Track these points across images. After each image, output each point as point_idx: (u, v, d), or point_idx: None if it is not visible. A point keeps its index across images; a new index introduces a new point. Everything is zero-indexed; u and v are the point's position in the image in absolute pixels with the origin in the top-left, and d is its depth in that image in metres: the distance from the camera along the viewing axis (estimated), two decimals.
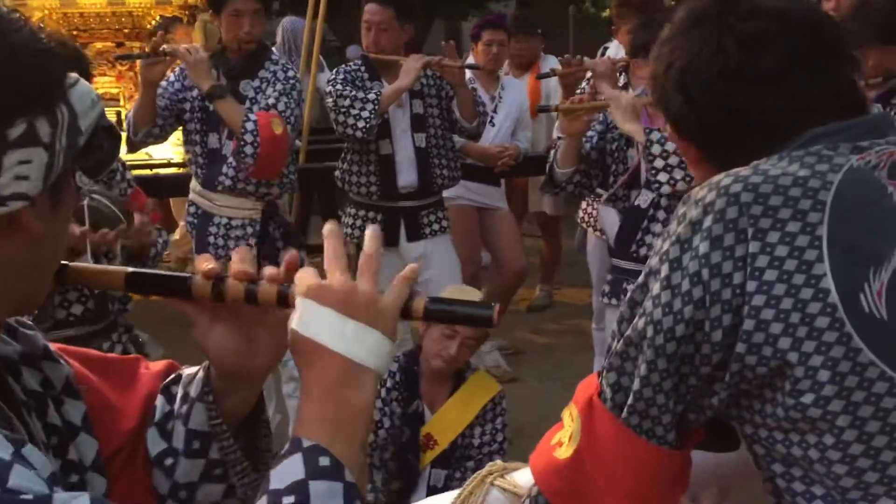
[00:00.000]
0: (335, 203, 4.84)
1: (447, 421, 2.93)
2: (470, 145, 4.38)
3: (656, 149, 2.74)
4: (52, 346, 0.95)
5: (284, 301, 0.88)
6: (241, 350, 0.93)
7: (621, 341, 1.12)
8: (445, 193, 4.03)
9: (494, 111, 4.54)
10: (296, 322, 0.82)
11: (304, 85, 4.07)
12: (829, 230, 1.02)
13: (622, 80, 3.63)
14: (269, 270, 0.90)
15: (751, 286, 1.03)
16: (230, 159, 3.36)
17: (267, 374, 0.98)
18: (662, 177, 2.73)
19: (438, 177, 3.81)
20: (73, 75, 0.80)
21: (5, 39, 0.75)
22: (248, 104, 3.33)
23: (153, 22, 5.65)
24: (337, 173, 3.87)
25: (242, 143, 3.21)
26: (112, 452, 0.96)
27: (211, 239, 3.49)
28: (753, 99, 1.14)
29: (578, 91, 3.79)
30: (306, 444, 0.76)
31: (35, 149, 0.74)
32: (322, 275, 0.85)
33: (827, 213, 1.03)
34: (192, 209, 3.54)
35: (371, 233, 0.87)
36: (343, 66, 3.88)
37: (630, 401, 1.11)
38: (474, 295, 2.93)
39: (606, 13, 5.98)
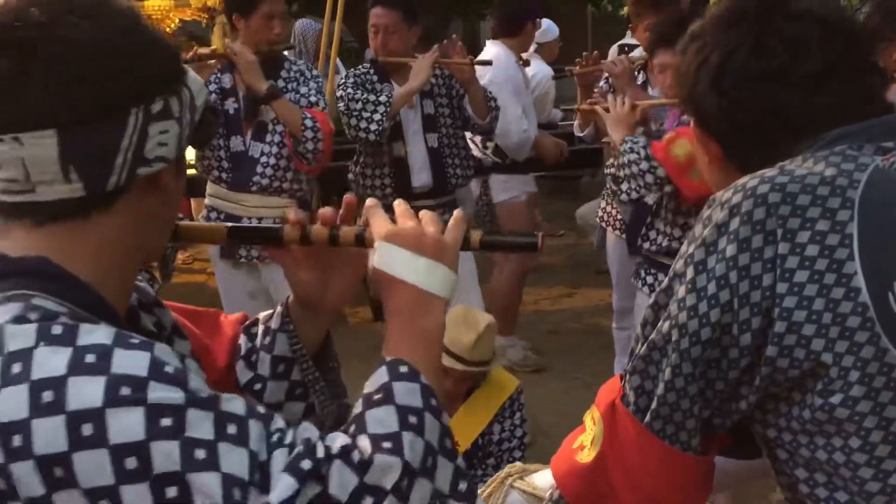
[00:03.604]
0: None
1: (467, 422, 2.93)
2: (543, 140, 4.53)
3: (623, 158, 2.86)
4: None
5: (361, 241, 1.05)
6: (320, 286, 1.13)
7: (645, 345, 1.11)
8: (508, 195, 4.22)
9: None
10: (376, 261, 1.00)
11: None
12: (859, 228, 1.01)
13: (640, 79, 3.61)
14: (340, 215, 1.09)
15: (781, 288, 1.02)
16: (263, 159, 3.38)
17: (338, 307, 1.18)
18: (623, 185, 2.92)
19: (452, 176, 3.82)
20: (185, 64, 0.98)
21: (144, 34, 0.93)
22: None
23: (172, 25, 5.66)
24: (350, 176, 3.87)
25: (304, 139, 3.26)
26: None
27: None
28: (791, 99, 1.12)
29: (595, 90, 3.78)
30: (388, 358, 0.94)
31: (170, 121, 0.92)
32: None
33: (856, 210, 1.02)
34: (213, 214, 3.51)
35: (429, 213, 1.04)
36: (352, 69, 3.90)
37: (654, 405, 1.10)
38: (481, 318, 2.90)
39: (624, 11, 5.92)
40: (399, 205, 1.04)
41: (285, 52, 3.61)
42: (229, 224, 1.13)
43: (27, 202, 0.88)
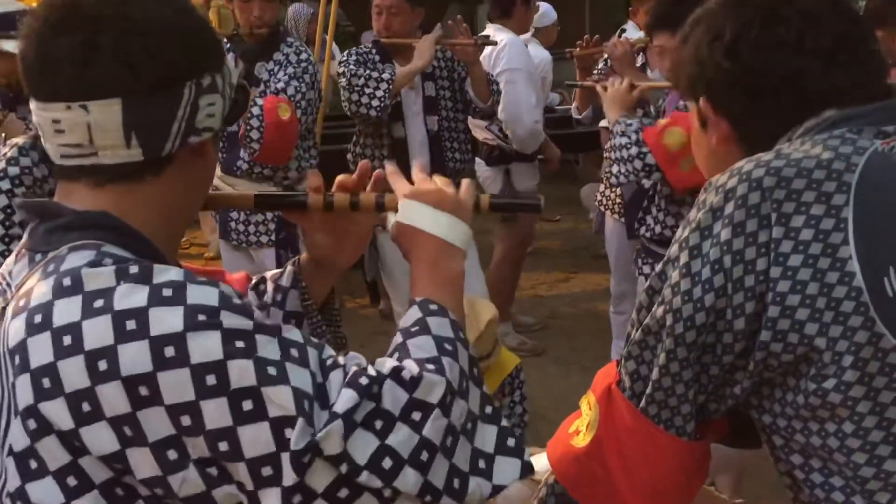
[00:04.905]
0: None
1: None
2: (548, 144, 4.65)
3: (614, 140, 2.84)
4: None
5: (381, 206, 1.17)
6: (333, 248, 1.25)
7: (640, 330, 1.10)
8: (530, 184, 4.36)
9: None
10: (400, 216, 1.11)
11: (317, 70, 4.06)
12: (855, 212, 1.00)
13: (640, 61, 3.59)
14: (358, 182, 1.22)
15: (775, 272, 1.01)
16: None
17: (348, 265, 1.29)
18: (614, 168, 2.88)
19: (450, 160, 3.80)
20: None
21: (195, 15, 1.02)
22: (261, 87, 3.35)
23: None
24: (349, 157, 3.85)
25: (249, 128, 3.24)
26: None
27: (232, 224, 3.52)
28: (808, 67, 1.11)
29: (595, 73, 3.76)
30: (419, 299, 1.03)
31: (216, 95, 1.01)
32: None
33: (852, 194, 1.01)
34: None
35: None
36: (354, 48, 3.87)
37: (648, 390, 1.09)
38: (485, 312, 2.89)
39: None
40: (419, 171, 1.16)
41: (289, 33, 3.59)
42: (256, 192, 1.21)
43: (89, 165, 0.97)
